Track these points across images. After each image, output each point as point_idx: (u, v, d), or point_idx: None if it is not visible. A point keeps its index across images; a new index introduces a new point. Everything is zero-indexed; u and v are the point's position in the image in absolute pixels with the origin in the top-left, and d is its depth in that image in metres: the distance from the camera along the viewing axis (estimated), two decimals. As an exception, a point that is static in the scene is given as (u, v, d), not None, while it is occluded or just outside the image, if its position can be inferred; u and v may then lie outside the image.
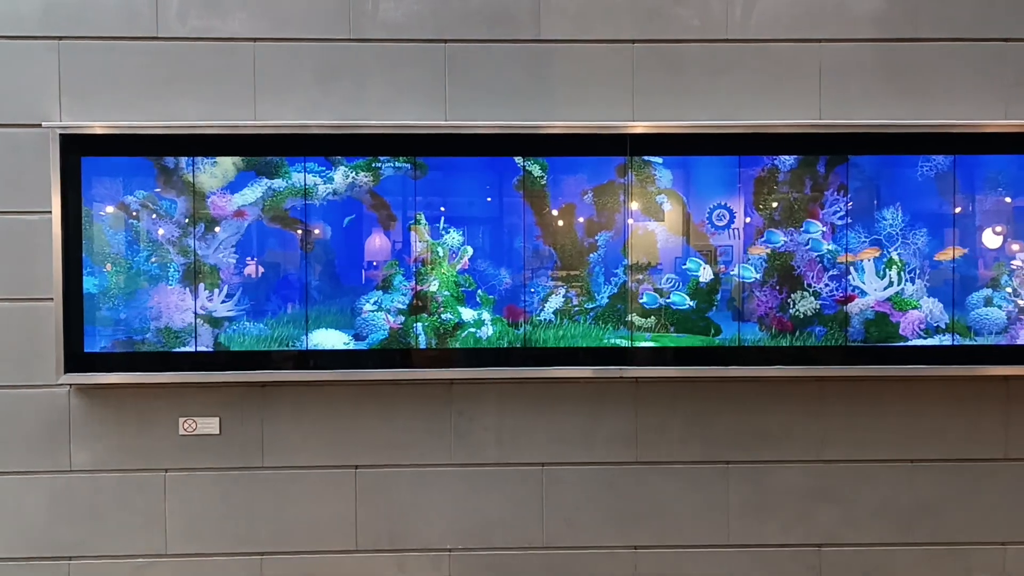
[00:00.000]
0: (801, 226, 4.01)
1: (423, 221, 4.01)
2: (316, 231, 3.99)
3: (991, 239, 4.06)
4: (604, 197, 4.03)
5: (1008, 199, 4.05)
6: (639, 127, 3.96)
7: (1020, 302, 4.00)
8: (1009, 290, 4.01)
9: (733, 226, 4.04)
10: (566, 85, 4.06)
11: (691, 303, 3.99)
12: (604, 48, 4.06)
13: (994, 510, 4.14)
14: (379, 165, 3.99)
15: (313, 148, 3.97)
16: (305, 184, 3.98)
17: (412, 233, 4.01)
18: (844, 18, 4.07)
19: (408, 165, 3.99)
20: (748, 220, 4.03)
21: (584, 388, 4.12)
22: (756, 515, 4.15)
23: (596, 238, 4.04)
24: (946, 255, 4.00)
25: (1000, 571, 4.14)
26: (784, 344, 4.01)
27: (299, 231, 3.99)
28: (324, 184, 3.99)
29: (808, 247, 4.00)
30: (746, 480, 4.15)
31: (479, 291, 4.02)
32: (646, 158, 4.01)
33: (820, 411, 4.13)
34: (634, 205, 4.02)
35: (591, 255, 4.04)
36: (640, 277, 4.02)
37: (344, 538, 4.12)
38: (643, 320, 4.02)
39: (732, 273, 4.02)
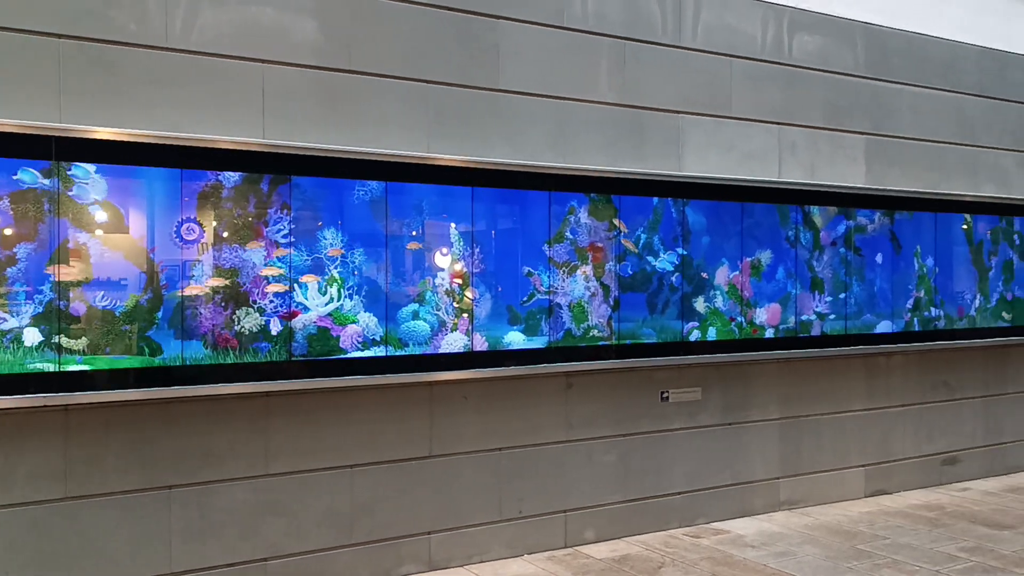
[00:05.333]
0: (248, 243, 4.03)
1: None
2: None
3: (441, 259, 4.51)
4: (23, 205, 3.60)
5: (453, 225, 4.54)
6: (67, 130, 3.63)
7: (442, 315, 4.50)
8: (447, 302, 4.49)
9: (203, 241, 3.93)
10: (-27, 75, 3.56)
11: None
12: (22, 39, 3.64)
13: (420, 504, 4.59)
14: None
15: None
16: None
17: None
18: (285, 43, 4.20)
19: None
20: (213, 235, 3.96)
21: (-1, 421, 3.64)
22: (201, 538, 4.04)
23: (15, 251, 3.59)
24: (417, 289, 4.36)
25: (426, 559, 4.60)
26: (229, 361, 3.98)
27: None
28: None
29: (255, 266, 4.03)
30: (190, 503, 4.02)
31: None
32: (77, 164, 3.68)
33: (266, 426, 4.19)
34: (64, 215, 3.66)
35: (9, 270, 3.58)
36: (72, 294, 3.68)
37: None
38: (73, 342, 3.68)
39: (189, 290, 3.90)
